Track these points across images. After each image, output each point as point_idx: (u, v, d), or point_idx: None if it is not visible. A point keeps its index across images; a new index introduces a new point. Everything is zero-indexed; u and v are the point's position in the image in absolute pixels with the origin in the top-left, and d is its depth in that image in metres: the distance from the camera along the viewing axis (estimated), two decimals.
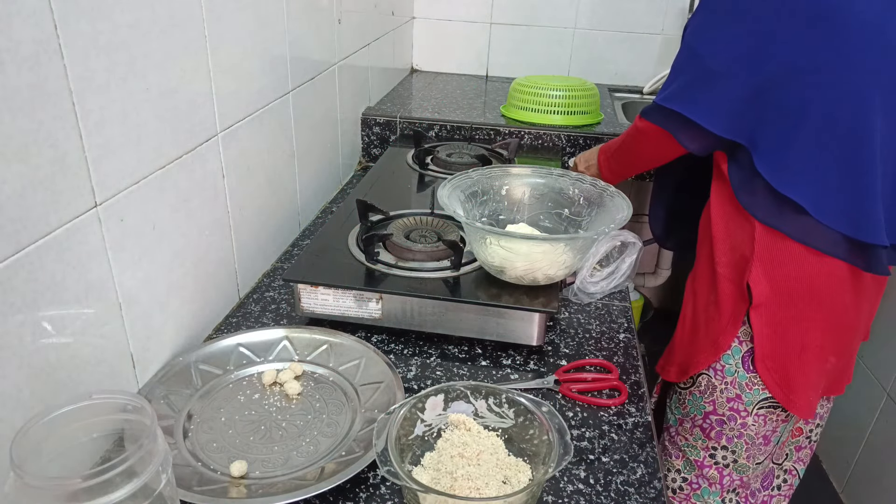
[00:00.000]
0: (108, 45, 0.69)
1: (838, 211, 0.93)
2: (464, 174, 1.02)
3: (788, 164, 0.94)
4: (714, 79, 0.97)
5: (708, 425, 1.11)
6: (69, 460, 0.60)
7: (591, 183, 1.02)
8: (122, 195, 0.74)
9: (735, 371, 1.06)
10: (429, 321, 0.94)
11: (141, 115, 0.75)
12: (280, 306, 1.03)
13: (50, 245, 0.63)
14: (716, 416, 1.09)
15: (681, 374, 1.13)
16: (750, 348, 1.04)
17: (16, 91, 0.57)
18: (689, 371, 1.11)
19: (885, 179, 0.94)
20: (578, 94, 1.66)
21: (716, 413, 1.09)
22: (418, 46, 2.17)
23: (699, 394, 1.11)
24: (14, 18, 0.57)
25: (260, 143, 1.07)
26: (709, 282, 1.08)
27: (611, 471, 0.75)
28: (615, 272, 0.93)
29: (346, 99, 1.50)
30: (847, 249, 0.95)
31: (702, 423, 1.12)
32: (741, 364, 1.05)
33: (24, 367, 0.62)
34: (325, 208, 1.40)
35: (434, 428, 0.73)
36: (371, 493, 0.71)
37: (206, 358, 0.87)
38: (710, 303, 1.08)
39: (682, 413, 1.15)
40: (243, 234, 1.04)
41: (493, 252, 0.90)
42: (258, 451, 0.75)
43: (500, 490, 0.67)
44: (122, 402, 0.56)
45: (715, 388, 1.08)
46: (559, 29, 2.08)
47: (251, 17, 0.99)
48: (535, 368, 0.92)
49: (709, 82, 0.97)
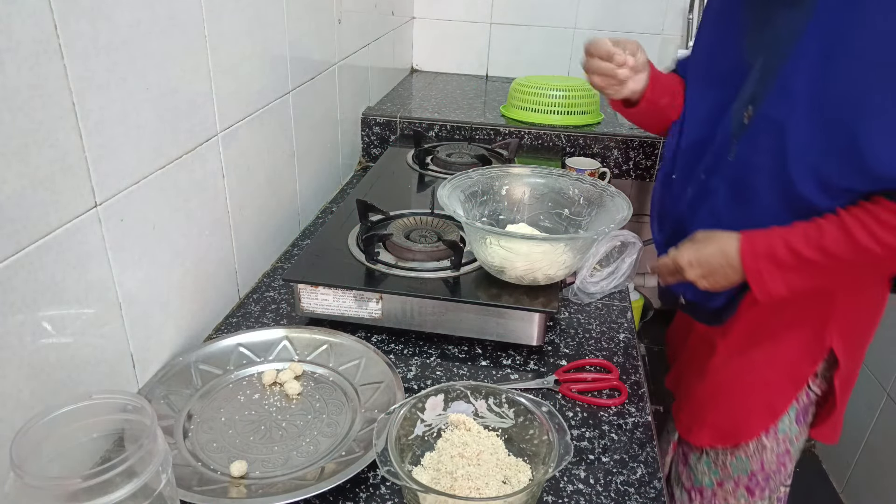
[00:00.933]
0: (108, 45, 0.69)
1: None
2: (464, 174, 1.02)
3: None
4: None
5: (754, 484, 1.03)
6: (69, 460, 0.60)
7: (591, 183, 1.02)
8: (122, 195, 0.74)
9: (789, 427, 0.99)
10: (429, 321, 0.94)
11: (141, 115, 0.75)
12: (280, 306, 1.03)
13: (50, 245, 0.63)
14: (762, 473, 1.02)
15: (721, 440, 1.02)
16: (806, 403, 0.98)
17: (16, 91, 0.57)
18: (735, 438, 1.01)
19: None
20: (578, 94, 1.66)
21: (763, 470, 1.02)
22: (418, 46, 2.17)
23: (746, 456, 1.02)
24: (14, 18, 0.57)
25: (260, 143, 1.07)
26: (758, 336, 0.97)
27: (611, 471, 0.75)
28: (615, 272, 0.92)
29: (346, 99, 1.50)
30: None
31: (748, 484, 1.03)
32: (795, 420, 0.99)
33: (24, 367, 0.62)
34: (325, 208, 1.40)
35: (434, 428, 0.73)
36: (371, 493, 0.71)
37: (206, 358, 0.87)
38: (764, 362, 0.97)
39: (721, 475, 1.05)
40: (243, 234, 1.04)
41: (493, 252, 0.90)
42: (258, 451, 0.74)
43: (500, 490, 0.67)
44: (122, 402, 0.56)
45: (765, 448, 1.00)
46: (559, 29, 2.08)
47: (251, 17, 0.99)
48: (535, 368, 0.92)
49: None
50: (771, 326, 0.95)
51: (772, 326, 0.95)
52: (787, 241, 0.83)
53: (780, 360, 0.96)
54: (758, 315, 0.96)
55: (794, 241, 0.82)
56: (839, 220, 0.80)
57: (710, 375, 1.03)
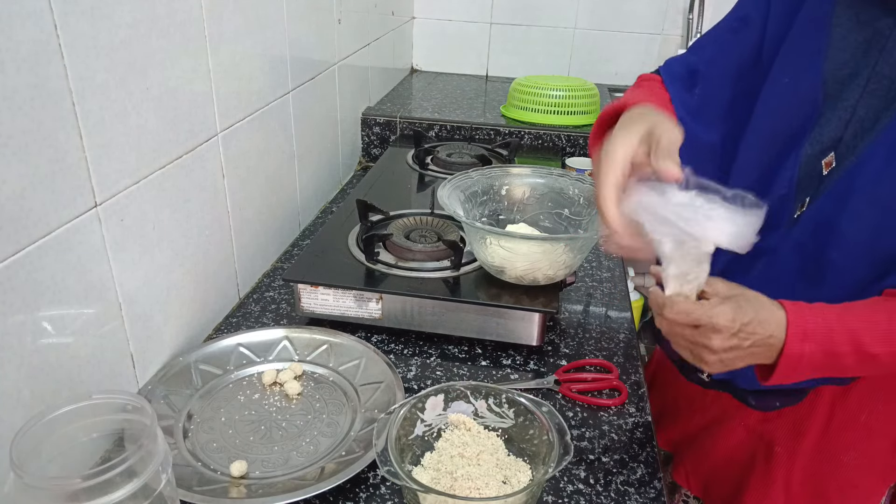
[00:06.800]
0: (108, 45, 0.68)
1: None
2: (464, 174, 1.02)
3: None
4: None
5: None
6: (69, 460, 0.60)
7: (591, 183, 1.02)
8: (122, 195, 0.74)
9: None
10: (429, 321, 0.94)
11: (141, 115, 0.75)
12: (280, 306, 1.03)
13: (50, 245, 0.63)
14: None
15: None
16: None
17: (16, 91, 0.57)
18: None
19: None
20: (578, 94, 1.66)
21: None
22: (418, 46, 2.17)
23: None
24: (14, 18, 0.57)
25: (260, 143, 1.07)
26: (848, 427, 0.81)
27: (611, 471, 0.75)
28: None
29: (346, 99, 1.50)
30: None
31: None
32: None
33: (24, 367, 0.62)
34: (325, 208, 1.40)
35: (434, 428, 0.73)
36: (371, 493, 0.71)
37: (206, 358, 0.87)
38: (853, 462, 0.82)
39: None
40: (243, 234, 1.04)
41: (493, 252, 0.90)
42: (258, 451, 0.74)
43: (500, 490, 0.67)
44: (122, 402, 0.56)
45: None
46: (559, 29, 2.08)
47: (251, 17, 0.99)
48: (535, 368, 0.92)
49: None
50: (865, 416, 0.77)
51: (866, 420, 0.77)
52: (852, 330, 0.62)
53: (872, 455, 0.80)
54: (850, 396, 0.78)
55: (861, 330, 0.62)
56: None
57: (772, 481, 0.84)
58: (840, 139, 0.70)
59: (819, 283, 0.72)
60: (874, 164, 0.67)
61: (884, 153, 0.66)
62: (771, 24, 0.77)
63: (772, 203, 0.70)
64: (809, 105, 0.72)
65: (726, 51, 0.82)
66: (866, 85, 0.69)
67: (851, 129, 0.69)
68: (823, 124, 0.71)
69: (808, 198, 0.73)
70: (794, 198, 0.74)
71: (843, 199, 0.69)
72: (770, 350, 0.64)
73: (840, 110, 0.70)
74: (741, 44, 0.81)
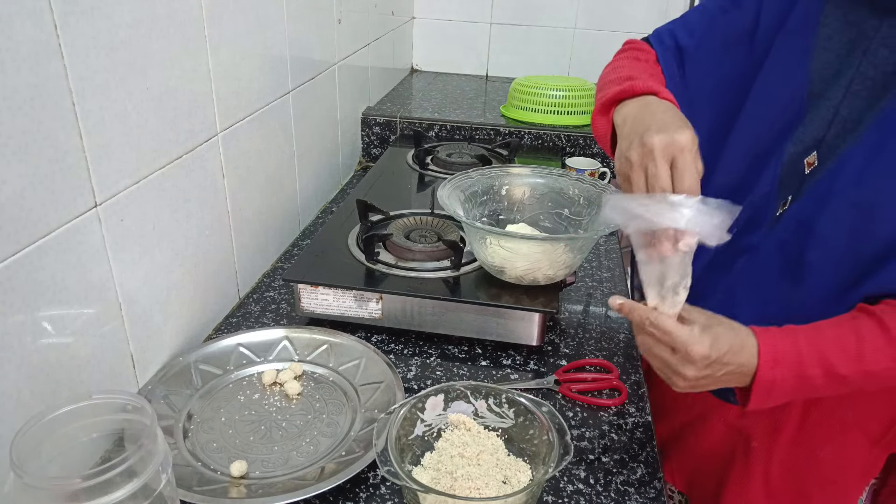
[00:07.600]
0: (108, 45, 0.68)
1: None
2: (464, 174, 1.02)
3: None
4: None
5: None
6: (69, 460, 0.60)
7: (590, 183, 1.02)
8: (122, 195, 0.74)
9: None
10: (429, 321, 0.94)
11: (141, 115, 0.75)
12: (280, 306, 1.03)
13: (50, 245, 0.63)
14: None
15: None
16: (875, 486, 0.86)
17: (16, 91, 0.57)
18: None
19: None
20: (578, 94, 1.66)
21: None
22: (418, 46, 2.17)
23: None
24: (14, 18, 0.57)
25: (260, 143, 1.07)
26: (824, 425, 0.80)
27: (611, 471, 0.75)
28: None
29: (346, 99, 1.50)
30: None
31: None
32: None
33: (24, 367, 0.62)
34: (325, 208, 1.40)
35: (434, 428, 0.73)
36: (371, 493, 0.71)
37: (206, 358, 0.87)
38: (830, 459, 0.81)
39: None
40: (243, 234, 1.04)
41: (493, 252, 0.90)
42: (258, 451, 0.74)
43: (500, 490, 0.67)
44: (122, 402, 0.56)
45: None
46: (559, 29, 2.08)
47: (251, 17, 0.99)
48: (535, 368, 0.91)
49: None
50: (841, 411, 0.78)
51: (842, 411, 0.78)
52: (821, 352, 0.63)
53: (849, 451, 0.80)
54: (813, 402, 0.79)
55: (829, 352, 0.63)
56: (879, 322, 0.63)
57: (751, 477, 0.84)
58: (822, 139, 0.70)
59: (799, 282, 0.72)
60: (853, 165, 0.67)
61: (863, 155, 0.66)
62: (764, 16, 0.77)
63: (755, 200, 0.74)
64: (796, 103, 0.72)
65: (713, 30, 0.82)
66: (849, 86, 0.68)
67: (834, 130, 0.69)
68: (807, 123, 0.71)
69: (790, 196, 0.72)
70: (777, 196, 0.73)
71: (824, 199, 0.69)
72: (743, 377, 0.66)
73: (823, 110, 0.70)
74: (728, 25, 0.80)
